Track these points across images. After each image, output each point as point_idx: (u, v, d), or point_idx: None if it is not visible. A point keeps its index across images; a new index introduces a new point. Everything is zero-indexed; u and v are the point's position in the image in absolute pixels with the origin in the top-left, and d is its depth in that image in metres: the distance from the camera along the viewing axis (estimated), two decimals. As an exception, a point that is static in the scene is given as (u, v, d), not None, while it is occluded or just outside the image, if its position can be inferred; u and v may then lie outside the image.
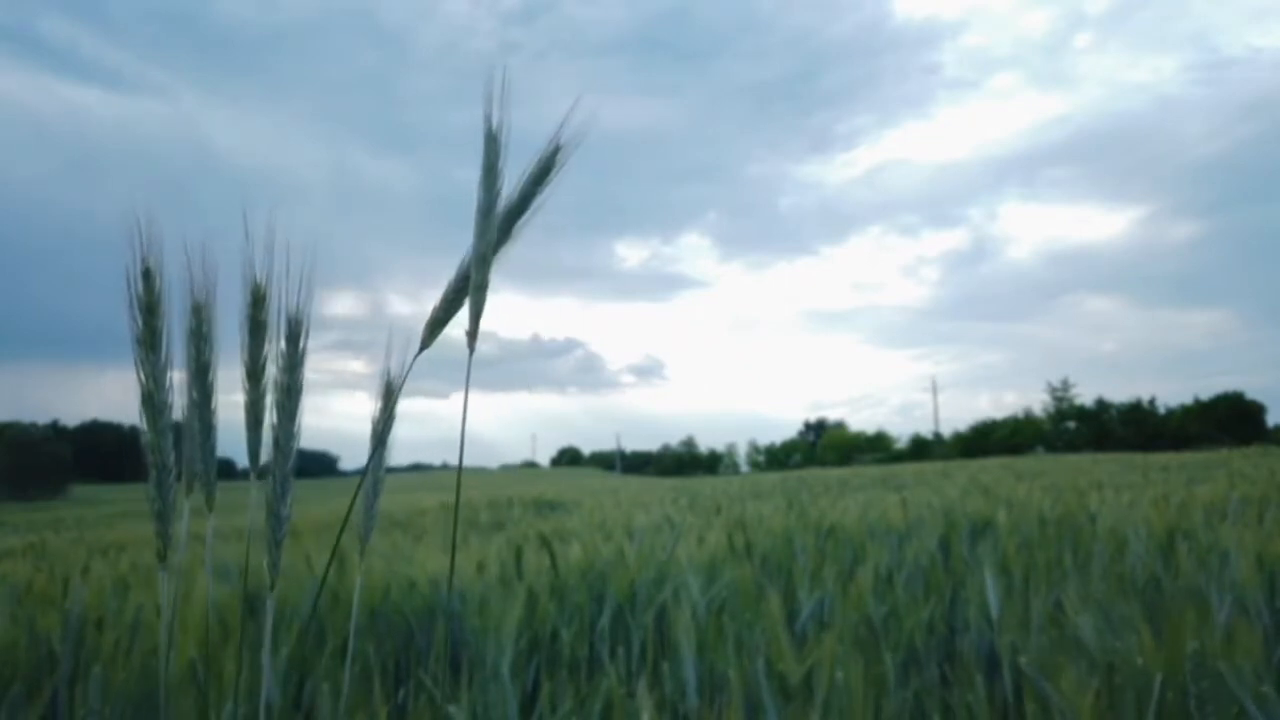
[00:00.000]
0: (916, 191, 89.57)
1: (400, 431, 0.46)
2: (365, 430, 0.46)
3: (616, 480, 20.46)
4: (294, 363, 0.42)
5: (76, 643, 0.96)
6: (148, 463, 0.40)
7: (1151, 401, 34.08)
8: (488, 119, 0.41)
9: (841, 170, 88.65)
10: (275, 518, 0.42)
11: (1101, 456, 11.57)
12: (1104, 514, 1.86)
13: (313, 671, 0.97)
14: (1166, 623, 0.79)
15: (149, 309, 0.40)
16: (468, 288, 0.41)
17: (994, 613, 1.10)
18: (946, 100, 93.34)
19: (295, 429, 0.42)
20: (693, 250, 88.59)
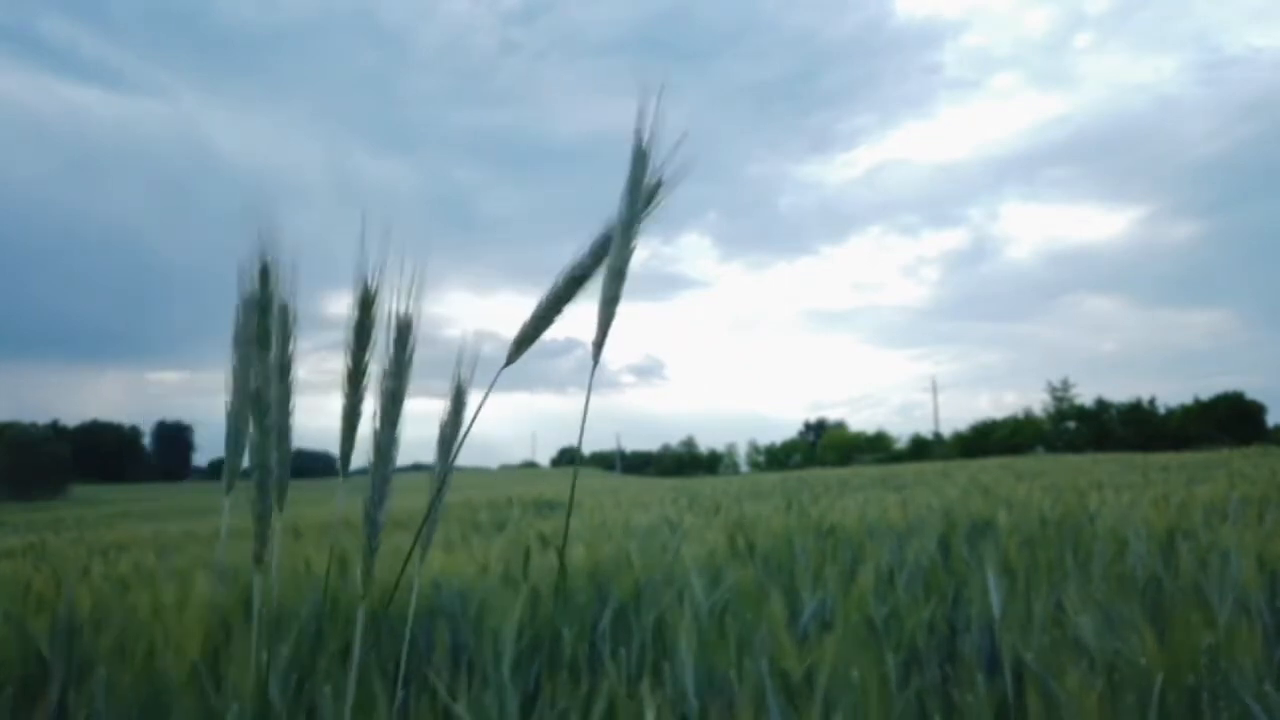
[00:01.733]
0: (916, 191, 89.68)
1: (402, 431, 0.46)
2: (365, 430, 0.46)
3: (616, 480, 20.44)
4: (401, 368, 0.42)
5: (68, 645, 0.96)
6: (251, 463, 0.39)
7: (1151, 401, 34.10)
8: (638, 134, 0.41)
9: (841, 170, 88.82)
10: (371, 524, 0.41)
11: (1101, 456, 11.56)
12: (1104, 514, 1.86)
13: (314, 672, 0.96)
14: (1168, 623, 0.78)
15: (264, 307, 0.39)
16: (559, 306, 0.43)
17: (995, 612, 1.10)
18: (947, 100, 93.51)
19: (397, 434, 0.42)
20: (693, 250, 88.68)
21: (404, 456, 0.48)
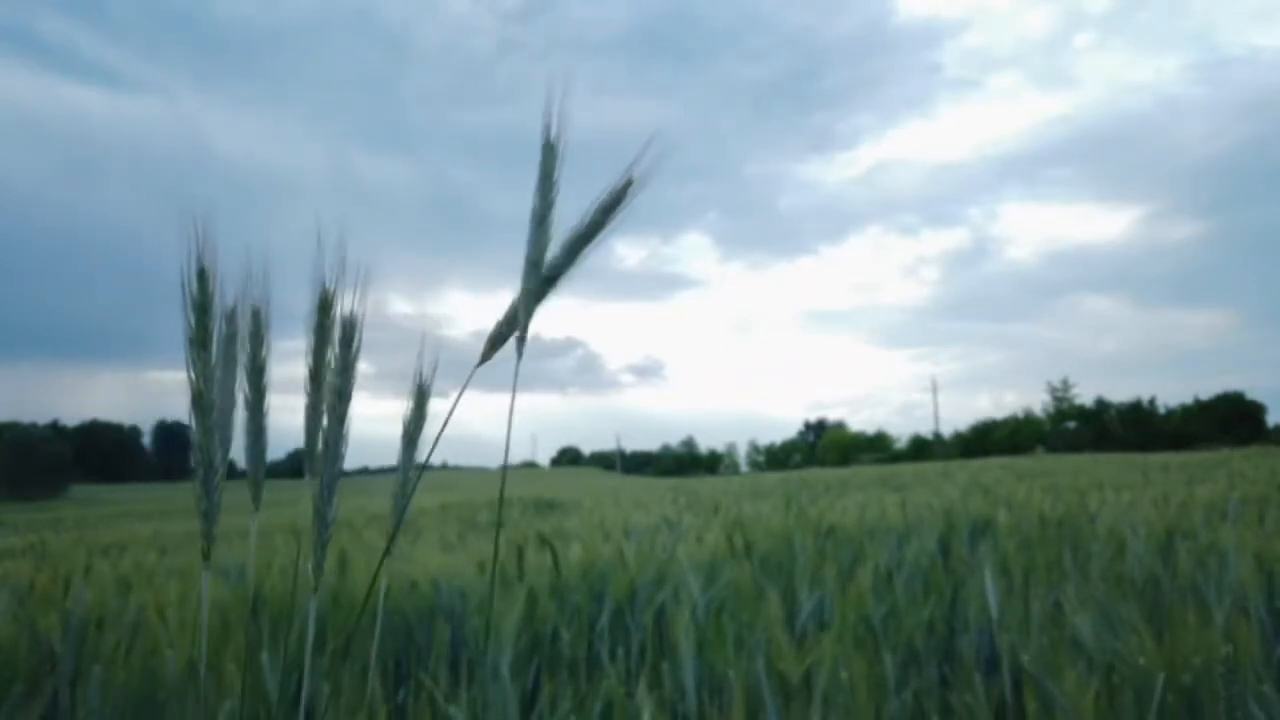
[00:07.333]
0: (916, 191, 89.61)
1: (398, 431, 0.46)
2: (365, 430, 0.46)
3: (616, 480, 20.46)
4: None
5: (78, 643, 0.96)
6: (194, 462, 0.41)
7: (1151, 401, 34.11)
8: (546, 127, 0.41)
9: (841, 170, 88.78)
10: (321, 521, 0.43)
11: (1101, 456, 11.57)
12: (1104, 514, 1.86)
13: (313, 671, 0.97)
14: (1166, 623, 0.79)
15: (203, 309, 0.41)
16: (531, 306, 0.43)
17: (994, 613, 1.10)
18: (947, 100, 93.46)
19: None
20: (692, 250, 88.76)
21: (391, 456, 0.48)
